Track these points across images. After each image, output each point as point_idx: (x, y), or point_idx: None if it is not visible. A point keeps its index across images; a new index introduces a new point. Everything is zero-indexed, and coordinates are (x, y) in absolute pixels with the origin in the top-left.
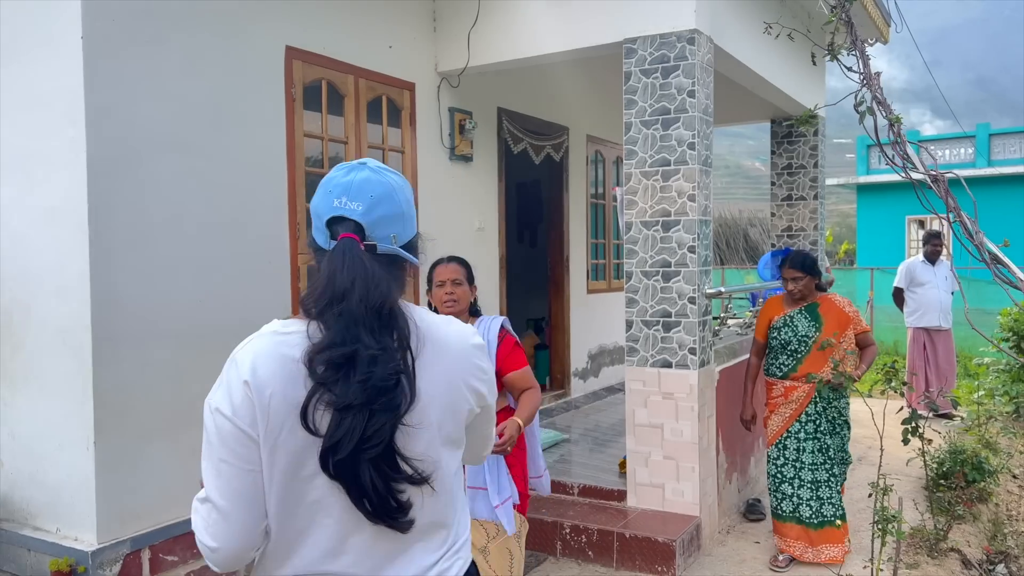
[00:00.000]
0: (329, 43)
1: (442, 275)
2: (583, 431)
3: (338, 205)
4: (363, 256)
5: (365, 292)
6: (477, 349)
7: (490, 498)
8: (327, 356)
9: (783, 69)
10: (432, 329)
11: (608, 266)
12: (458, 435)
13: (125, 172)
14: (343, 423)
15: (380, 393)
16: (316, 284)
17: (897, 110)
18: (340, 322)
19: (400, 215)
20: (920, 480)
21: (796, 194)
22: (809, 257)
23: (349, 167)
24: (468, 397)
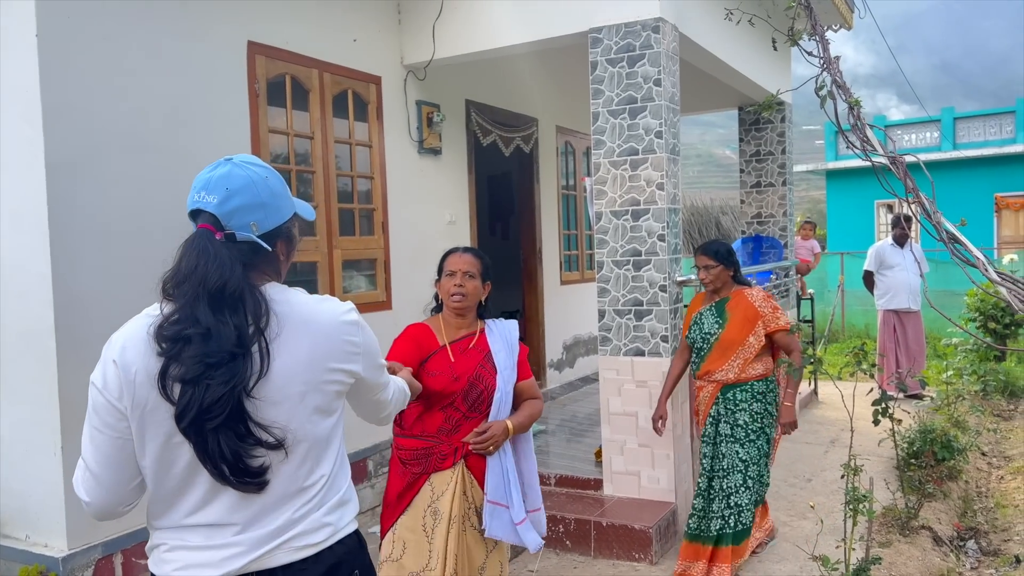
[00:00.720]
0: (292, 37)
1: (454, 264)
2: (560, 422)
3: (197, 199)
4: (209, 243)
5: (204, 275)
6: (348, 325)
7: (513, 515)
8: (163, 332)
9: (748, 56)
10: (296, 308)
11: (581, 257)
12: (328, 406)
13: (85, 172)
14: (186, 394)
15: (213, 367)
16: (170, 268)
17: (864, 95)
18: (182, 302)
19: (260, 204)
20: (891, 460)
21: (765, 181)
22: (724, 245)
23: (215, 164)
24: (336, 369)
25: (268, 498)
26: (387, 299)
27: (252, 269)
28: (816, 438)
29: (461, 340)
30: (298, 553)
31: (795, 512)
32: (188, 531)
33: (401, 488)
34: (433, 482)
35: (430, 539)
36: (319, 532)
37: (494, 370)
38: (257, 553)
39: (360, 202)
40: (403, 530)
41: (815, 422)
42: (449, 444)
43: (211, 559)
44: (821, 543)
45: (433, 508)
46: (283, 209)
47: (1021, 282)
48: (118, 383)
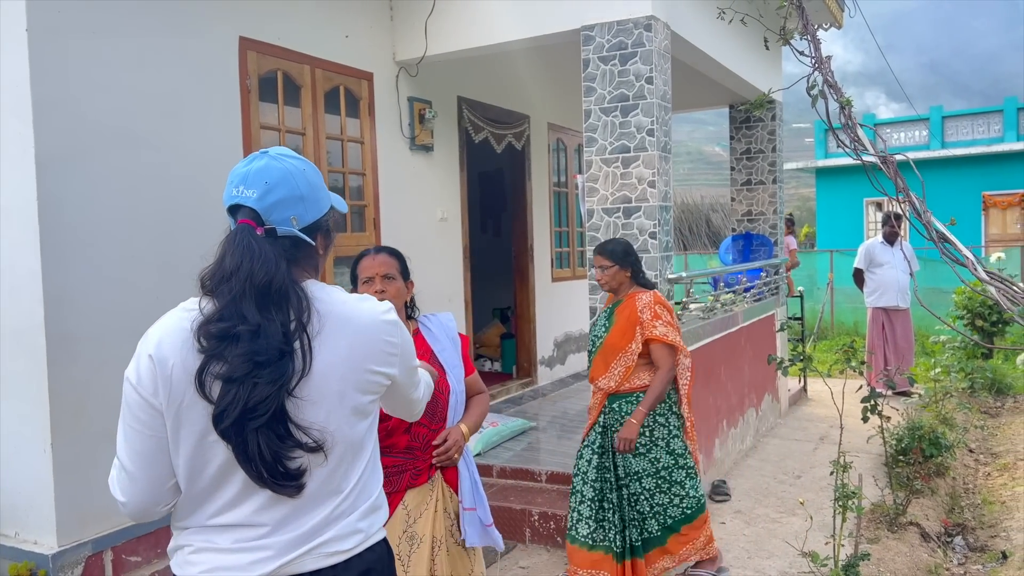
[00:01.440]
0: (284, 33)
1: (369, 269)
2: (550, 418)
3: (236, 194)
4: (253, 239)
5: (250, 271)
6: (387, 325)
7: (481, 516)
8: (209, 329)
9: (740, 55)
10: (337, 307)
11: (572, 254)
12: (364, 408)
13: (76, 167)
14: (228, 393)
15: (261, 366)
16: (211, 265)
17: (852, 94)
18: (226, 299)
19: (299, 197)
20: (880, 457)
21: (755, 179)
22: (620, 244)
23: (251, 158)
24: (375, 371)
25: (300, 500)
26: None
27: (294, 265)
28: (805, 435)
29: None
30: (328, 559)
31: (784, 509)
32: (215, 532)
33: None
34: (407, 503)
35: (406, 568)
36: (350, 538)
37: (442, 370)
38: (287, 558)
39: (352, 198)
40: None
41: (804, 419)
42: (424, 459)
43: (239, 562)
44: (811, 539)
45: (409, 533)
46: (321, 202)
47: (1010, 281)
48: (153, 378)
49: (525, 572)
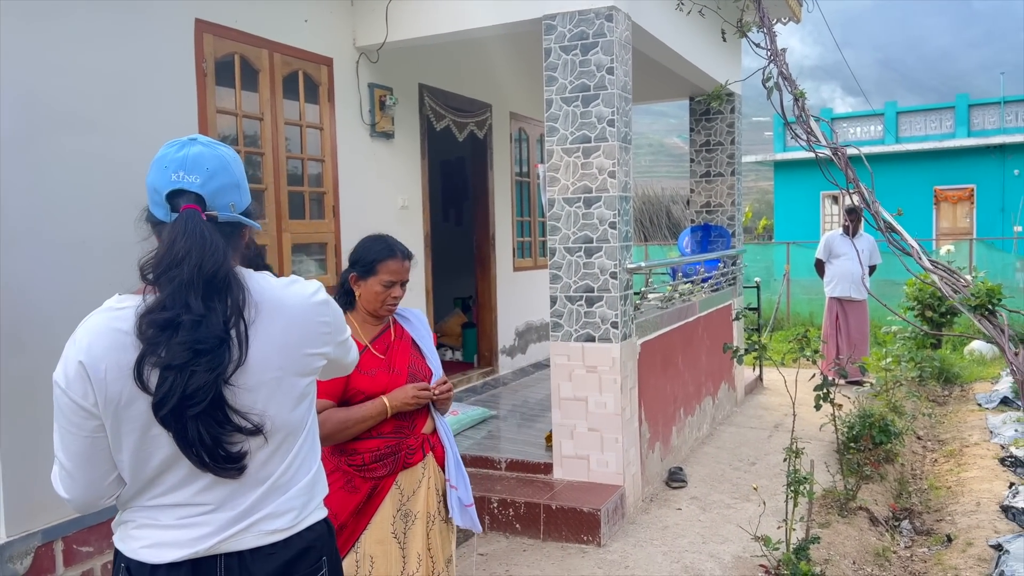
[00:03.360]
0: (241, 16)
1: (396, 273)
2: (511, 407)
3: (176, 179)
4: (203, 225)
5: (200, 259)
6: (319, 306)
7: (461, 496)
8: (153, 319)
9: (699, 47)
10: (268, 293)
11: (534, 243)
12: (303, 390)
13: (24, 152)
14: (165, 381)
15: (200, 354)
16: (156, 252)
17: (809, 87)
18: (172, 287)
19: (236, 185)
20: (832, 444)
21: (714, 171)
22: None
23: (180, 143)
24: (310, 353)
25: (241, 480)
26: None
27: (231, 252)
28: (760, 423)
29: (380, 336)
30: (267, 538)
31: (739, 495)
32: (158, 510)
33: (358, 502)
34: (400, 483)
35: (403, 544)
36: (286, 516)
37: (423, 357)
38: (226, 534)
39: (310, 185)
40: (369, 545)
41: (760, 407)
42: (415, 438)
43: (180, 538)
44: (763, 524)
45: (404, 511)
46: (248, 191)
47: (952, 270)
48: (83, 383)
49: (484, 559)
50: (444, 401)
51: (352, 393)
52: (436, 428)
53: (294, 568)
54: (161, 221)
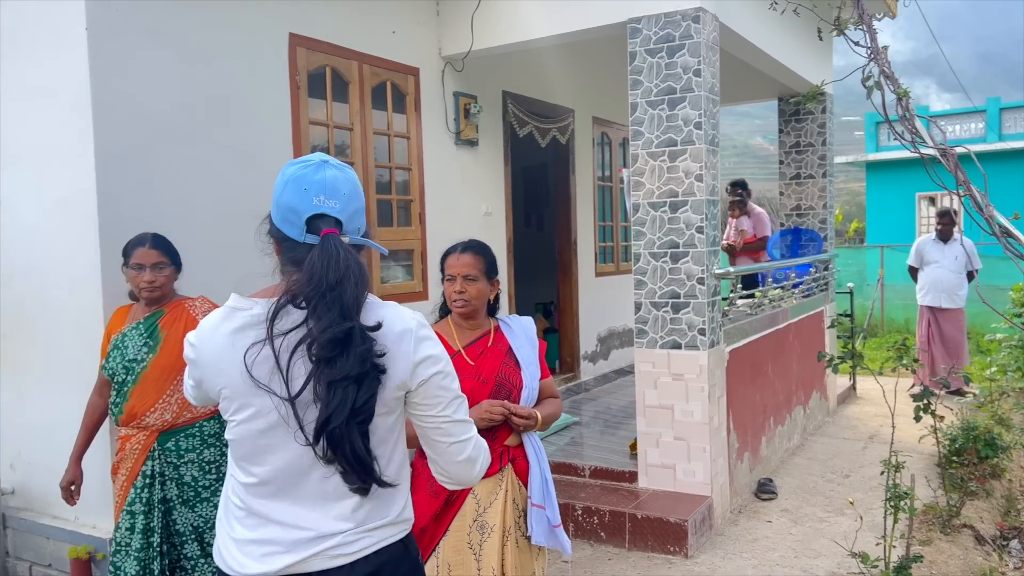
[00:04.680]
0: (333, 29)
1: (453, 268)
2: (593, 413)
3: (318, 203)
4: (350, 251)
5: (355, 284)
6: (404, 334)
7: (550, 516)
8: (319, 339)
9: (789, 46)
10: (367, 317)
11: (616, 248)
12: (383, 420)
13: (133, 162)
14: (336, 395)
15: (366, 364)
16: (307, 275)
17: (902, 83)
18: (335, 310)
19: (362, 209)
20: (932, 457)
21: (804, 172)
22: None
23: (316, 165)
24: (389, 384)
25: (333, 505)
26: (423, 289)
27: None
28: (854, 434)
29: (477, 342)
30: (333, 561)
31: (832, 508)
32: (252, 524)
33: (438, 507)
34: (477, 493)
35: (478, 556)
36: (359, 542)
37: (517, 366)
38: (301, 556)
39: (398, 193)
40: (446, 552)
41: (853, 418)
42: (493, 448)
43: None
44: (860, 540)
45: (480, 522)
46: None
47: None
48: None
49: (568, 566)
50: (523, 428)
51: None
52: (522, 442)
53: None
54: (290, 239)
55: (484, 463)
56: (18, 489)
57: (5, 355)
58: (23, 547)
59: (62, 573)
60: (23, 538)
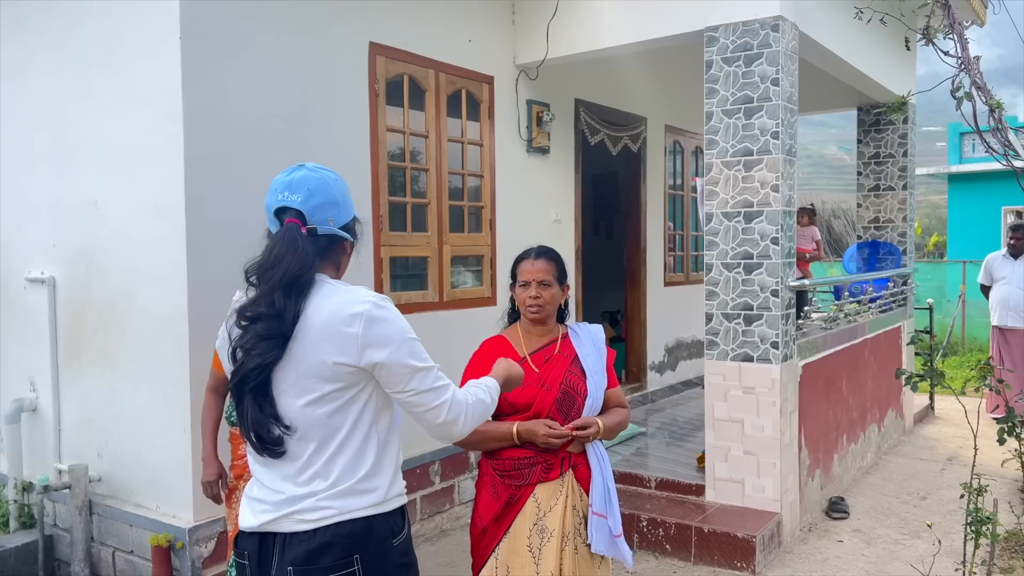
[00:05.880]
0: (411, 38)
1: (527, 274)
2: (660, 425)
3: (281, 198)
4: (298, 235)
5: (289, 264)
6: (351, 317)
7: (611, 526)
8: (246, 312)
9: (871, 55)
10: (316, 299)
11: (686, 258)
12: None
13: (219, 167)
14: (239, 361)
15: (262, 340)
16: (260, 256)
17: (993, 94)
18: (265, 287)
19: (334, 202)
20: (1016, 482)
21: (884, 184)
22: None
23: (291, 169)
24: (332, 362)
25: (286, 470)
26: (492, 295)
27: (322, 260)
28: (932, 455)
29: (543, 349)
30: (299, 525)
31: (908, 531)
32: (253, 485)
33: (499, 509)
34: (538, 496)
35: (537, 560)
36: (321, 510)
37: (583, 375)
38: (276, 515)
39: (470, 199)
40: (506, 554)
41: (930, 438)
42: (555, 453)
43: (255, 509)
44: (937, 564)
45: (540, 526)
46: (350, 208)
47: None
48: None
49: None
50: (585, 439)
51: (502, 403)
52: (585, 449)
53: (317, 559)
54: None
55: (470, 418)
56: (104, 477)
57: (95, 349)
58: (107, 533)
59: (143, 560)
60: (107, 524)
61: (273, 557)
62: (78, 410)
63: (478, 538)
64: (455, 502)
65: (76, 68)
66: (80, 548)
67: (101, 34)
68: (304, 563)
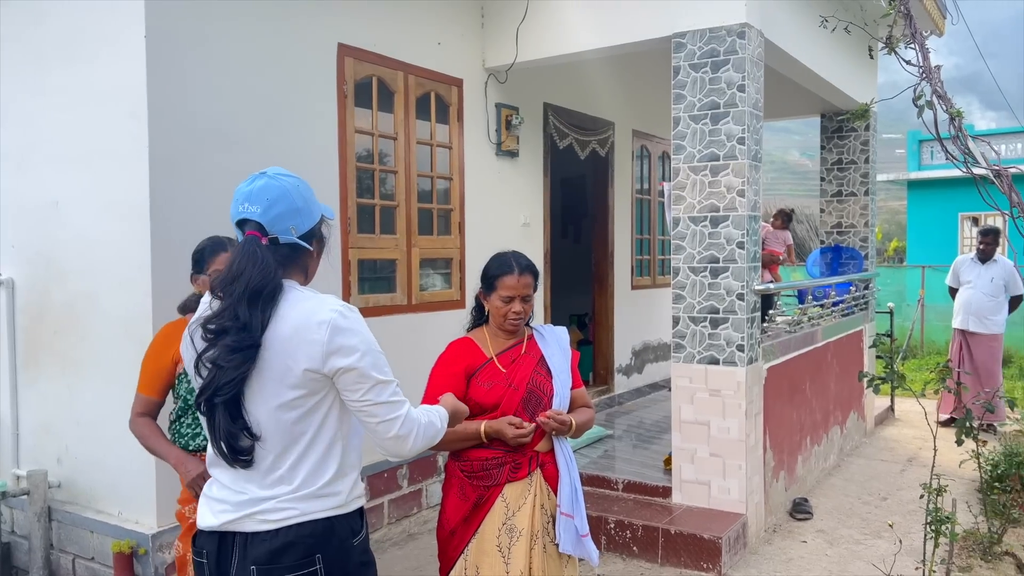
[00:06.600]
0: (380, 40)
1: (512, 289)
2: (627, 427)
3: (242, 210)
4: (258, 247)
5: (250, 276)
6: (318, 325)
7: (578, 525)
8: (210, 325)
9: (834, 63)
10: (283, 307)
11: (653, 262)
12: (294, 402)
13: (185, 167)
14: (208, 375)
15: (234, 352)
16: (224, 270)
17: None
18: (229, 300)
19: (295, 210)
20: (973, 483)
21: (846, 190)
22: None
23: (252, 177)
24: (301, 369)
25: (251, 473)
26: (461, 298)
27: (287, 268)
28: (892, 456)
29: (510, 350)
30: (261, 525)
31: (870, 531)
32: (212, 486)
33: (467, 510)
34: (507, 496)
35: (507, 560)
36: (285, 511)
37: (549, 375)
38: (237, 515)
39: (439, 202)
40: (476, 555)
41: (891, 439)
42: (523, 453)
43: (214, 509)
44: (898, 563)
45: (509, 525)
46: (314, 213)
47: None
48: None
49: None
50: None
51: (469, 404)
52: (552, 448)
53: (279, 558)
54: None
55: (420, 438)
56: (64, 483)
57: (55, 352)
58: (67, 540)
59: (104, 567)
60: (67, 531)
61: (233, 556)
62: (37, 414)
63: (446, 540)
64: (423, 506)
65: (37, 65)
66: (39, 555)
67: (63, 30)
68: (267, 562)
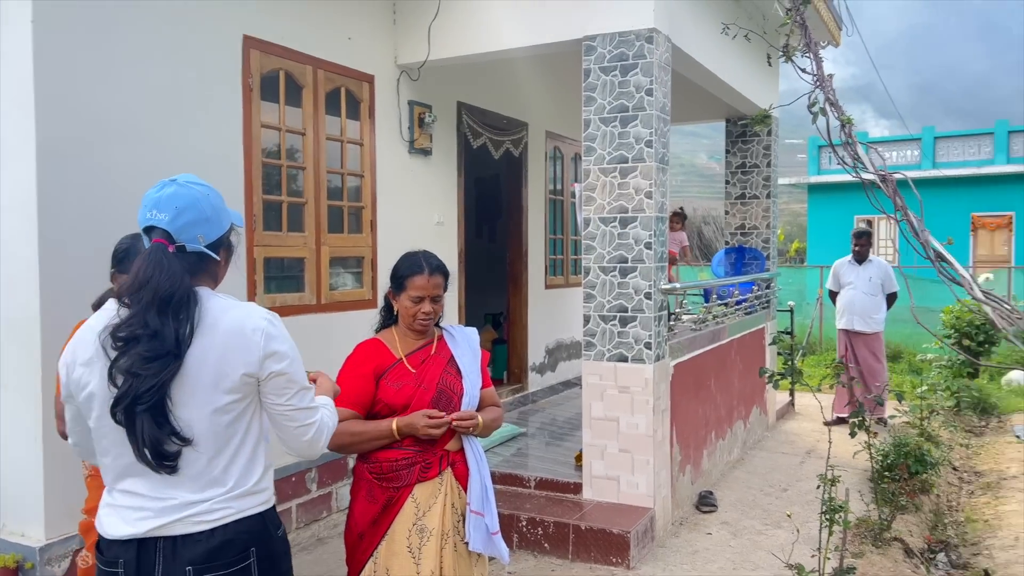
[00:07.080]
0: (287, 33)
1: (423, 289)
2: (540, 425)
3: (149, 217)
4: (164, 255)
5: (157, 283)
6: (254, 331)
7: (488, 524)
8: (119, 333)
9: (738, 70)
10: (210, 313)
11: (566, 262)
12: (228, 406)
13: (76, 162)
14: (124, 384)
15: (150, 361)
16: (130, 277)
17: (845, 110)
18: (137, 307)
19: (205, 219)
20: (866, 472)
21: (750, 192)
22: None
23: (162, 184)
24: (234, 374)
25: (179, 479)
26: (373, 297)
27: (196, 276)
28: (792, 448)
29: (419, 350)
30: (195, 527)
31: (770, 521)
32: (119, 494)
33: (376, 512)
34: (417, 496)
35: (418, 560)
36: (217, 512)
37: (459, 375)
38: (164, 520)
39: (349, 200)
40: (386, 557)
41: (791, 433)
42: (433, 452)
43: (128, 518)
44: (796, 552)
45: (419, 525)
46: (223, 221)
47: (1004, 301)
48: (65, 380)
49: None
50: (465, 431)
51: (379, 405)
52: (463, 447)
53: (217, 556)
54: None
55: (327, 440)
56: None
57: None
58: None
59: None
60: None
61: (157, 562)
62: None
63: (355, 544)
64: (332, 509)
65: None
66: None
67: None
68: (205, 561)
